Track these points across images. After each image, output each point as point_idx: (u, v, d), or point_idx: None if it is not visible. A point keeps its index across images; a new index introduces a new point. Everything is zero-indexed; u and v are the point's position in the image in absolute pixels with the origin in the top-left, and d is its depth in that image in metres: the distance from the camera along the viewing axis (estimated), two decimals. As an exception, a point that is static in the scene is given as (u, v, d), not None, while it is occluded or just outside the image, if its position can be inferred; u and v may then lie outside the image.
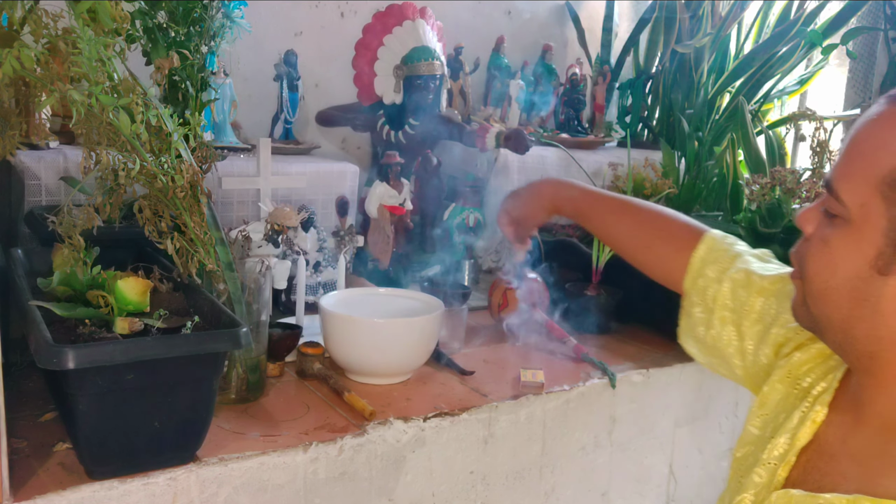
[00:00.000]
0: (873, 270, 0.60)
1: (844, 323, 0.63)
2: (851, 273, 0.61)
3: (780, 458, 0.70)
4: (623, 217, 1.04)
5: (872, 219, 0.59)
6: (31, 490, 0.85)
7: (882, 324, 0.60)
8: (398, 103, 1.79)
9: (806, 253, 0.67)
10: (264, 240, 1.38)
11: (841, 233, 0.62)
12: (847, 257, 0.61)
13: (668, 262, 0.98)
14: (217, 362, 0.93)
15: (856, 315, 0.62)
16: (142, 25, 1.15)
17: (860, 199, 0.60)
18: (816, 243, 0.65)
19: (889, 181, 0.58)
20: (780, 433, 0.72)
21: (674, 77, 2.27)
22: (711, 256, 0.93)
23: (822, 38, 2.02)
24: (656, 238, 1.00)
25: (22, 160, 1.36)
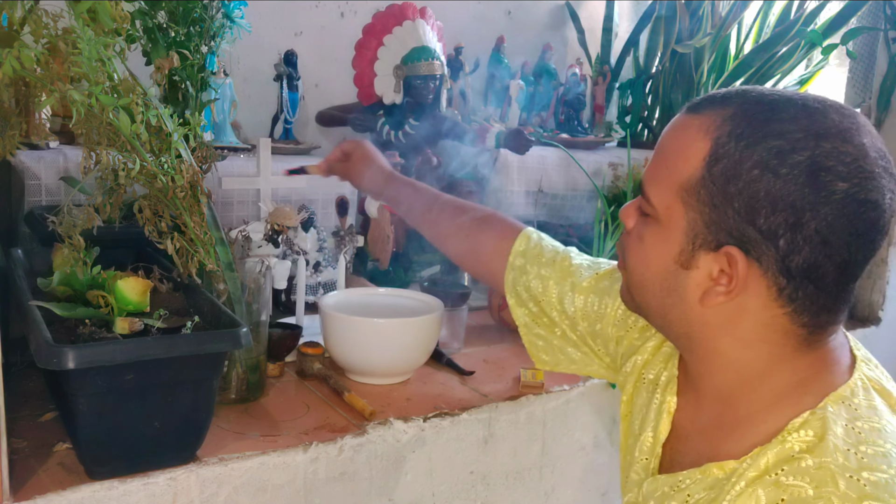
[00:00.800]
0: (677, 265, 0.67)
1: (660, 309, 0.71)
2: (661, 267, 0.68)
3: (648, 452, 0.77)
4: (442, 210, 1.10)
5: (675, 220, 0.66)
6: (31, 490, 0.85)
7: (689, 309, 0.67)
8: (398, 103, 1.79)
9: (626, 247, 0.74)
10: (264, 240, 1.39)
11: (652, 230, 0.69)
12: (657, 253, 0.68)
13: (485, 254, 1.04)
14: (217, 362, 0.93)
15: (668, 303, 0.69)
16: (142, 25, 1.15)
17: (665, 202, 0.67)
18: (634, 239, 0.72)
19: (686, 187, 0.64)
20: (644, 429, 0.78)
21: (674, 77, 2.27)
22: (531, 252, 0.99)
23: (822, 38, 2.02)
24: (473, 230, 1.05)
25: (22, 160, 1.36)
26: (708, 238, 0.64)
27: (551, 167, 2.02)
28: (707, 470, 0.67)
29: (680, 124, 0.67)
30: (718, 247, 0.63)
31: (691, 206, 0.64)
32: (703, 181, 0.63)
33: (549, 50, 2.27)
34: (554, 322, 0.96)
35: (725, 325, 0.66)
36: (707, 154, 0.63)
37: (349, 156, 1.27)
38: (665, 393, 0.77)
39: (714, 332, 0.67)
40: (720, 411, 0.69)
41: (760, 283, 0.63)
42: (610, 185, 2.02)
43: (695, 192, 0.64)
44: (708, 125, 0.64)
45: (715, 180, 0.62)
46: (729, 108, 0.63)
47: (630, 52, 2.39)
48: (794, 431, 0.62)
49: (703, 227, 0.64)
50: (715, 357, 0.69)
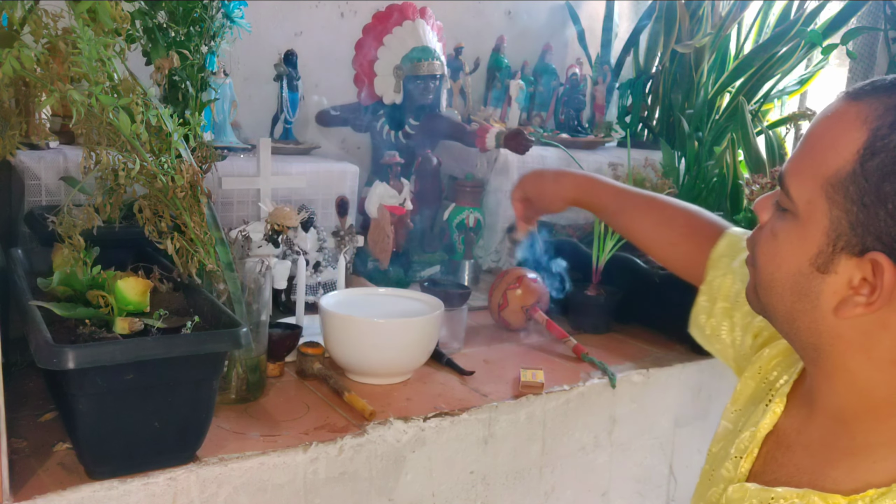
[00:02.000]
0: (813, 268, 0.60)
1: (788, 314, 0.65)
2: (794, 268, 0.62)
3: (742, 451, 0.72)
4: (648, 213, 1.04)
5: (816, 217, 0.60)
6: (31, 490, 0.85)
7: (821, 318, 0.61)
8: (398, 103, 1.79)
9: (757, 242, 0.68)
10: (264, 240, 1.39)
11: (788, 227, 0.63)
12: (791, 252, 0.62)
13: (690, 257, 0.98)
14: (217, 362, 0.93)
15: (798, 308, 0.63)
16: (142, 25, 1.15)
17: (807, 196, 0.61)
18: (767, 234, 0.66)
19: (833, 182, 0.58)
20: (747, 427, 0.73)
21: (674, 77, 2.27)
22: (728, 251, 0.93)
23: (822, 38, 2.02)
24: (680, 235, 1.01)
25: (22, 160, 1.36)
26: (852, 241, 0.57)
27: (551, 167, 2.02)
28: (807, 497, 0.61)
29: (835, 111, 0.61)
30: (864, 251, 0.57)
31: (837, 204, 0.58)
32: (853, 176, 0.57)
33: (549, 50, 2.27)
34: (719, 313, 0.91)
35: (860, 340, 0.60)
36: (862, 146, 0.57)
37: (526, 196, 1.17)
38: (776, 393, 0.72)
39: (846, 346, 0.61)
40: (835, 432, 0.64)
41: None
42: (610, 185, 2.02)
43: (843, 188, 0.57)
44: (867, 114, 0.57)
45: (868, 176, 0.56)
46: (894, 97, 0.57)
47: (630, 52, 2.39)
48: None
49: (848, 228, 0.57)
50: (842, 375, 0.62)
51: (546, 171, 1.16)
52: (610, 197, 1.08)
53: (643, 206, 1.05)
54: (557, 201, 1.13)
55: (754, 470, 0.70)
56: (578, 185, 1.11)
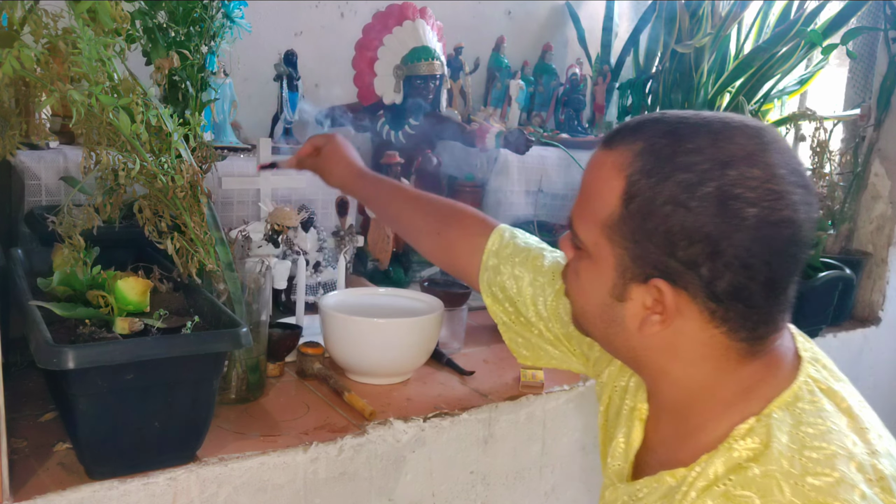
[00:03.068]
0: (612, 298, 0.68)
1: (604, 338, 0.72)
2: (598, 300, 0.69)
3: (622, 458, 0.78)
4: (417, 204, 1.09)
5: (604, 255, 0.67)
6: (31, 490, 0.85)
7: (630, 337, 0.68)
8: (398, 103, 1.79)
9: (566, 279, 0.75)
10: (264, 240, 1.39)
11: (585, 265, 0.70)
12: (592, 287, 0.70)
13: (459, 251, 1.03)
14: (217, 362, 0.93)
15: (610, 332, 0.70)
16: (142, 25, 1.15)
17: (593, 239, 0.68)
18: (571, 273, 0.73)
19: (609, 224, 0.65)
20: (616, 434, 0.79)
21: (674, 77, 2.27)
22: (504, 252, 0.98)
23: (822, 38, 2.02)
24: (446, 226, 1.04)
25: (22, 160, 1.36)
26: (636, 272, 0.65)
27: (551, 167, 2.02)
28: (661, 478, 0.68)
29: (597, 161, 0.68)
30: (647, 279, 0.64)
31: (616, 243, 0.66)
32: (622, 219, 0.64)
33: (549, 50, 2.27)
34: (530, 322, 0.96)
35: (667, 348, 0.67)
36: (622, 192, 0.64)
37: (319, 150, 1.23)
38: (635, 398, 0.79)
39: (657, 355, 0.68)
40: (676, 423, 0.71)
41: (692, 309, 0.64)
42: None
43: (617, 230, 0.65)
44: (621, 162, 0.65)
45: (633, 217, 0.64)
46: (639, 142, 0.64)
47: (630, 52, 2.38)
48: (740, 438, 0.63)
49: (630, 262, 0.65)
50: (663, 377, 0.70)
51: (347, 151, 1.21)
52: (386, 188, 1.13)
53: (416, 199, 1.10)
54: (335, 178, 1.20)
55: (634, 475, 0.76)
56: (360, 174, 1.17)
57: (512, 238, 1.00)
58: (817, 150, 1.88)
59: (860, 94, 2.20)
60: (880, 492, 0.58)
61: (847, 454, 0.59)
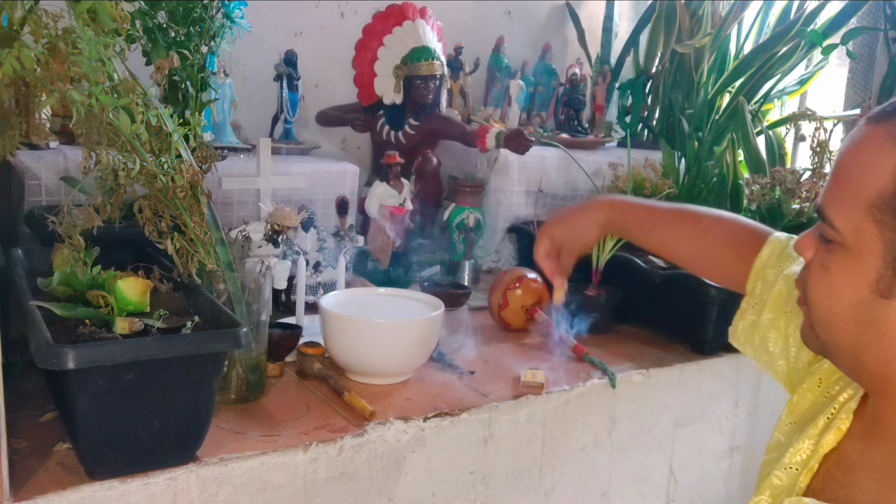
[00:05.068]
0: (875, 294, 0.59)
1: (853, 348, 0.63)
2: (854, 298, 0.60)
3: (801, 464, 0.70)
4: (683, 227, 1.00)
5: (867, 242, 0.59)
6: (31, 490, 0.85)
7: (891, 347, 0.60)
8: (398, 103, 1.79)
9: (808, 279, 0.66)
10: (264, 240, 1.39)
11: (839, 258, 0.62)
12: (848, 283, 0.61)
13: (732, 268, 0.96)
14: (217, 362, 0.93)
15: (864, 340, 0.61)
16: (142, 25, 1.15)
17: (853, 224, 0.60)
18: (816, 270, 0.65)
19: (878, 204, 0.58)
20: (803, 438, 0.71)
21: (674, 77, 2.27)
22: (772, 260, 0.91)
23: (822, 38, 2.02)
24: (720, 247, 0.97)
25: (22, 160, 1.36)
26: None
27: (551, 167, 2.02)
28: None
29: (862, 136, 0.61)
30: None
31: (887, 225, 0.57)
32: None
33: (549, 50, 2.28)
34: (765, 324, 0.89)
35: None
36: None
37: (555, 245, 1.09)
38: (841, 409, 0.70)
39: None
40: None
41: None
42: (610, 185, 2.02)
43: (890, 208, 0.57)
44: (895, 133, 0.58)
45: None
46: None
47: (630, 52, 2.39)
48: None
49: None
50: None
51: (566, 209, 1.10)
52: (641, 214, 1.03)
53: (677, 221, 1.01)
54: (592, 233, 1.06)
55: (812, 486, 0.69)
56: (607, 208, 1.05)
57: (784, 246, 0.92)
58: (817, 150, 1.88)
59: (860, 94, 2.20)
60: None
61: None
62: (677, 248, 1.01)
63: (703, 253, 0.98)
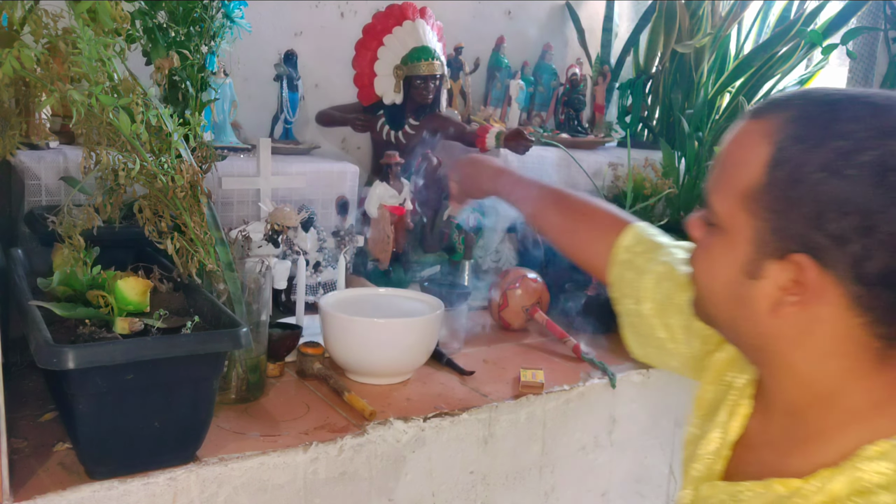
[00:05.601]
0: (745, 275, 0.64)
1: (731, 321, 0.69)
2: (728, 278, 0.66)
3: (714, 453, 0.75)
4: (554, 204, 1.08)
5: (740, 228, 0.64)
6: (31, 490, 0.85)
7: (760, 321, 0.65)
8: (398, 103, 1.79)
9: (693, 258, 0.72)
10: (264, 240, 1.39)
11: (718, 241, 0.67)
12: (723, 263, 0.66)
13: (590, 247, 1.02)
14: (217, 362, 0.93)
15: (738, 315, 0.67)
16: (142, 25, 1.15)
17: (729, 210, 0.65)
18: (700, 250, 0.71)
19: (749, 195, 0.63)
20: (713, 428, 0.76)
21: (674, 77, 2.27)
22: (637, 248, 0.96)
23: (822, 38, 2.02)
24: (580, 223, 1.04)
25: (22, 160, 1.36)
26: (775, 246, 0.61)
27: (551, 167, 2.02)
28: (769, 485, 0.65)
29: (741, 131, 0.66)
30: (786, 254, 0.61)
31: (756, 214, 0.62)
32: (766, 187, 0.61)
33: (549, 50, 2.27)
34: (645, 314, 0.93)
35: (798, 336, 0.63)
36: (769, 159, 0.61)
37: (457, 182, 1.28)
38: (741, 396, 0.75)
39: (786, 344, 0.64)
40: (789, 425, 0.68)
41: (834, 292, 0.59)
42: (610, 185, 2.02)
43: (758, 199, 0.62)
44: (769, 129, 0.62)
45: (778, 185, 0.60)
46: (790, 110, 0.62)
47: (630, 52, 2.39)
48: (868, 460, 0.59)
49: (770, 235, 0.62)
50: (787, 371, 0.66)
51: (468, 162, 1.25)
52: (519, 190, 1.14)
53: (550, 199, 1.09)
54: (478, 194, 1.23)
55: (728, 471, 0.73)
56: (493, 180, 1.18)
57: (645, 234, 0.97)
58: (817, 150, 1.87)
59: (860, 94, 2.20)
60: None
61: None
62: (547, 224, 1.09)
63: (565, 227, 1.06)
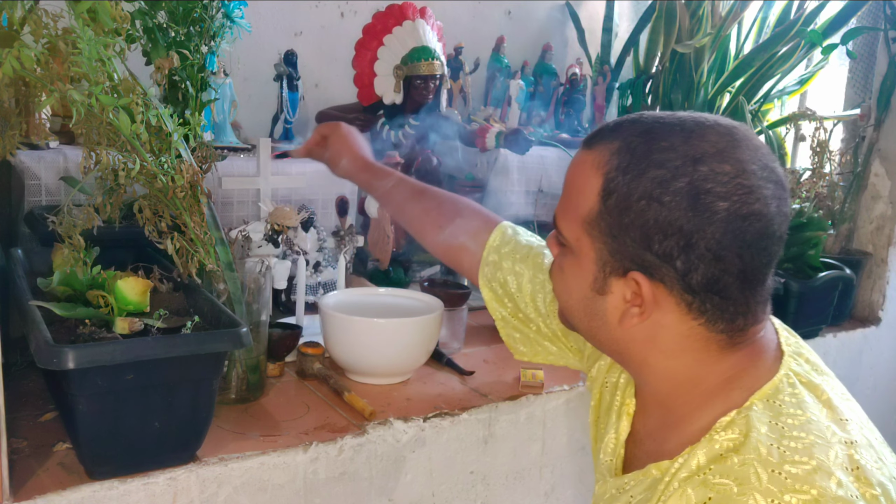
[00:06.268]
0: (594, 291, 0.70)
1: (589, 331, 0.74)
2: (581, 294, 0.72)
3: (611, 453, 0.79)
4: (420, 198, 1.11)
5: (585, 250, 0.70)
6: (31, 490, 0.85)
7: (612, 330, 0.71)
8: (398, 103, 1.79)
9: (552, 275, 0.78)
10: (264, 240, 1.39)
11: (569, 261, 0.73)
12: (575, 282, 0.72)
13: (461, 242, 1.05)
14: (217, 362, 0.93)
15: (594, 326, 0.73)
16: (142, 25, 1.15)
17: (575, 235, 0.70)
18: (556, 269, 0.76)
19: (588, 221, 0.68)
20: (608, 431, 0.81)
21: (674, 77, 2.27)
22: (505, 248, 1.00)
23: (822, 38, 2.02)
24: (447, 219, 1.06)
25: (22, 160, 1.36)
26: (615, 265, 0.68)
27: (551, 167, 2.02)
28: (647, 471, 0.70)
29: (578, 160, 0.71)
30: (626, 272, 0.67)
31: (596, 238, 0.68)
32: (601, 214, 0.67)
33: (549, 50, 2.28)
34: (529, 318, 0.99)
35: (648, 341, 0.69)
36: (600, 189, 0.67)
37: (326, 139, 1.25)
38: (624, 395, 0.81)
39: (639, 347, 0.70)
40: (662, 414, 0.73)
41: (669, 301, 0.66)
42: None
43: (596, 225, 0.68)
44: (599, 161, 0.68)
45: (610, 213, 0.66)
46: (616, 141, 0.67)
47: (630, 52, 2.39)
48: (721, 430, 0.64)
49: (609, 256, 0.68)
50: (646, 369, 0.72)
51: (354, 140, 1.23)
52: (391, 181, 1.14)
53: (419, 194, 1.11)
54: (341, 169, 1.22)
55: (624, 468, 0.78)
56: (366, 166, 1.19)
57: (514, 235, 1.02)
58: (817, 150, 1.88)
59: (860, 94, 2.20)
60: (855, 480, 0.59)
61: (825, 443, 0.61)
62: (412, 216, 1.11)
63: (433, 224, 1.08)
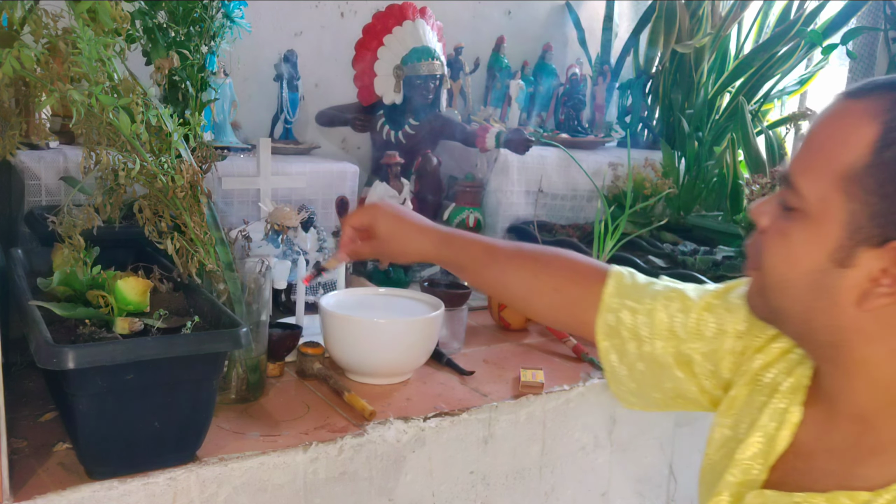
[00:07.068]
0: (832, 263, 0.60)
1: (804, 314, 0.64)
2: (811, 266, 0.62)
3: (754, 458, 0.71)
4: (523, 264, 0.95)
5: (832, 212, 0.60)
6: (31, 490, 0.85)
7: (841, 314, 0.61)
8: (398, 103, 1.79)
9: (763, 245, 0.67)
10: (264, 240, 1.39)
11: (800, 226, 0.63)
12: (806, 250, 0.62)
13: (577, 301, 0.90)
14: (217, 362, 0.93)
15: (815, 307, 0.63)
16: (142, 25, 1.15)
17: (820, 193, 0.61)
18: (774, 236, 0.66)
19: (849, 175, 0.59)
20: (752, 432, 0.72)
21: (674, 77, 2.27)
22: (626, 291, 0.87)
23: (822, 38, 2.02)
24: (563, 279, 0.92)
25: (22, 160, 1.36)
26: (873, 232, 0.58)
27: (551, 167, 2.02)
28: (834, 498, 0.60)
29: (839, 110, 0.62)
30: (885, 242, 0.57)
31: (854, 197, 0.59)
32: (870, 168, 0.58)
33: (549, 50, 2.28)
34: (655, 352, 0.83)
35: (881, 332, 0.60)
36: (876, 138, 0.58)
37: (372, 230, 1.01)
38: (790, 402, 0.71)
39: (867, 340, 0.61)
40: (859, 432, 0.64)
41: None
42: (610, 185, 2.02)
43: (860, 181, 0.58)
44: (875, 109, 0.59)
45: (887, 166, 0.57)
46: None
47: (630, 52, 2.39)
48: None
49: (868, 220, 0.58)
50: (863, 371, 0.62)
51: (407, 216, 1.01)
52: (476, 251, 0.97)
53: (516, 258, 0.95)
54: (408, 257, 1.02)
55: (772, 479, 0.69)
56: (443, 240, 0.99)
57: (632, 275, 0.89)
58: (817, 150, 1.87)
59: (860, 94, 2.20)
60: None
61: None
62: (516, 284, 0.94)
63: (545, 287, 0.92)
